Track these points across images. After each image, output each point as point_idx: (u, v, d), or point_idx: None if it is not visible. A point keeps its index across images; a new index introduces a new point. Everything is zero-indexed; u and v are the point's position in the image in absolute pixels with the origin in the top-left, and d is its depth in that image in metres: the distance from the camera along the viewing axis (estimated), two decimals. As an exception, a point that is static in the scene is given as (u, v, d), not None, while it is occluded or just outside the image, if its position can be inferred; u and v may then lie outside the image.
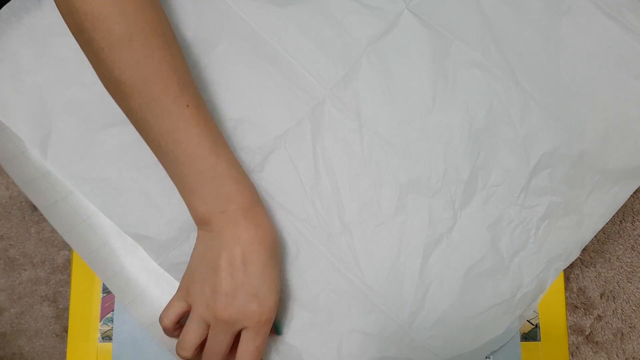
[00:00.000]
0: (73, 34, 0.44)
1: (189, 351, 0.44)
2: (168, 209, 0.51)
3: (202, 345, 0.45)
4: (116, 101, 0.45)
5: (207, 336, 0.44)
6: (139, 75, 0.42)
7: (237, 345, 0.45)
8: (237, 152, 0.51)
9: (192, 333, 0.44)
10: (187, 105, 0.43)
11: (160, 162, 0.46)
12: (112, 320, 0.51)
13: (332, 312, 0.50)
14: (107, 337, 0.51)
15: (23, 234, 0.56)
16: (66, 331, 0.52)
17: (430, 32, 0.54)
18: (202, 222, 0.45)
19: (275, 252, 0.46)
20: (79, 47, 0.47)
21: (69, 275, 0.53)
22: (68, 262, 0.55)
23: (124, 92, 0.43)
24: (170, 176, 0.46)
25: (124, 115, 0.47)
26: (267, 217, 0.47)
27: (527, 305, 0.51)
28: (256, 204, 0.46)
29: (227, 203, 0.44)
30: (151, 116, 0.43)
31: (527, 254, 0.51)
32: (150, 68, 0.42)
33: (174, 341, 0.50)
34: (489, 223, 0.51)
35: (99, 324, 0.52)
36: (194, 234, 0.50)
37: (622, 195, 0.52)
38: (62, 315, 0.55)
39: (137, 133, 0.47)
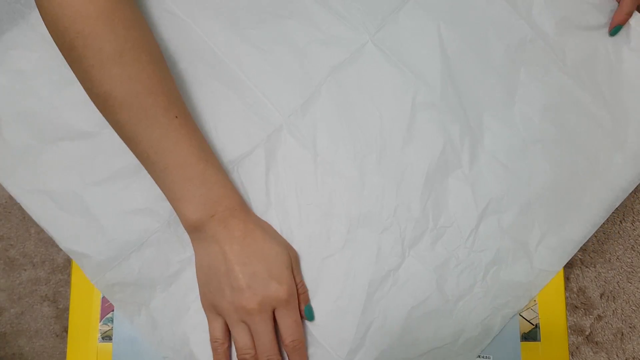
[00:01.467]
0: (62, 51, 0.45)
1: (249, 354, 0.46)
2: (110, 228, 0.50)
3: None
4: (104, 115, 0.46)
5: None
6: (130, 90, 0.43)
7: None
8: None
9: (241, 338, 0.46)
10: (176, 117, 0.45)
11: (149, 172, 0.47)
12: (112, 320, 0.52)
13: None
14: (107, 337, 0.51)
15: (23, 234, 0.56)
16: (66, 331, 0.52)
17: (392, 67, 0.53)
18: (194, 228, 0.46)
19: (269, 233, 0.48)
20: (37, 61, 0.51)
21: (69, 275, 0.53)
22: (68, 262, 0.55)
23: (113, 106, 0.44)
24: (159, 185, 0.47)
25: (77, 130, 0.49)
26: (252, 212, 0.49)
27: (470, 350, 0.51)
28: (241, 204, 0.48)
29: (216, 206, 0.46)
30: (141, 128, 0.44)
31: (473, 298, 0.51)
32: (141, 83, 0.44)
33: (170, 348, 0.50)
34: (436, 264, 0.51)
35: (99, 324, 0.52)
36: (135, 254, 0.50)
37: (570, 248, 0.52)
38: (62, 315, 0.55)
39: (88, 149, 0.49)
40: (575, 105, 0.53)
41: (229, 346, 0.48)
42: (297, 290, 0.48)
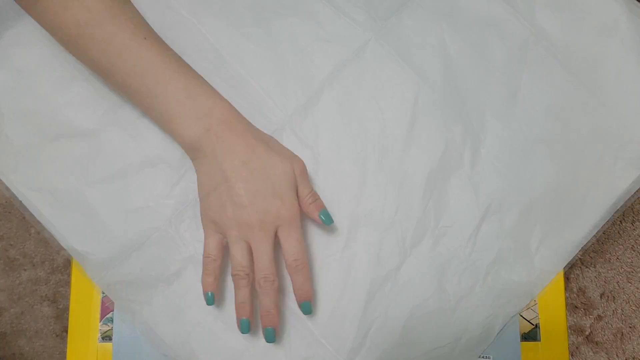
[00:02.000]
0: (28, 10, 0.45)
1: (244, 271, 0.45)
2: (110, 227, 0.51)
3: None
4: (80, 59, 0.46)
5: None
6: (93, 21, 0.43)
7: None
8: (190, 173, 0.51)
9: (239, 255, 0.45)
10: (145, 38, 0.45)
11: (139, 106, 0.47)
12: (112, 320, 0.51)
13: (272, 344, 0.50)
14: (107, 337, 0.51)
15: (23, 234, 0.56)
16: (66, 331, 0.52)
17: (394, 66, 0.54)
18: (192, 148, 0.46)
19: (274, 149, 0.47)
20: (38, 59, 0.51)
21: (69, 275, 0.53)
22: (68, 262, 0.55)
23: (84, 44, 0.44)
24: (150, 115, 0.47)
25: (78, 129, 0.49)
26: (252, 125, 0.48)
27: (471, 350, 0.51)
28: (237, 117, 0.47)
29: (208, 118, 0.45)
30: (114, 58, 0.44)
31: (474, 298, 0.51)
32: (101, 12, 0.43)
33: (170, 347, 0.50)
34: (437, 263, 0.51)
35: (99, 324, 0.52)
36: (136, 253, 0.50)
37: (571, 248, 0.52)
38: (62, 315, 0.55)
39: (89, 147, 0.50)
40: (578, 107, 0.53)
41: (220, 264, 0.47)
42: (308, 199, 0.47)
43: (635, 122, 0.53)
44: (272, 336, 0.47)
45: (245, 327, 0.46)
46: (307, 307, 0.47)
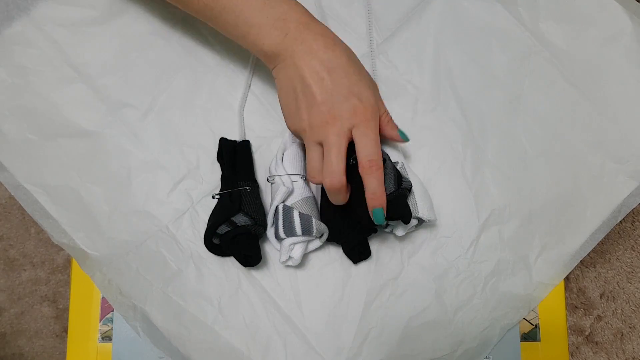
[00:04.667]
0: None
1: (316, 178, 0.44)
2: (107, 227, 0.50)
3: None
4: None
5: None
6: None
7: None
8: (188, 178, 0.51)
9: (312, 160, 0.44)
10: None
11: (217, 27, 0.46)
12: (112, 320, 0.51)
13: (267, 350, 0.50)
14: (107, 337, 0.51)
15: (23, 234, 0.56)
16: (66, 331, 0.52)
17: (392, 74, 0.54)
18: (272, 56, 0.45)
19: (351, 52, 0.45)
20: (39, 58, 0.51)
21: (69, 275, 0.53)
22: (68, 262, 0.55)
23: None
24: (229, 33, 0.46)
25: (76, 129, 0.49)
26: (329, 29, 0.46)
27: None
28: (313, 19, 0.45)
29: (285, 23, 0.44)
30: None
31: (472, 309, 0.50)
32: None
33: (172, 347, 0.50)
34: (435, 274, 0.51)
35: (99, 324, 0.52)
36: (133, 254, 0.50)
37: (569, 261, 0.52)
38: (62, 316, 0.55)
39: (87, 148, 0.50)
40: (578, 118, 0.53)
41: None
42: (385, 116, 0.46)
43: (636, 134, 0.53)
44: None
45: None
46: (380, 214, 0.43)
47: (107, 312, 0.52)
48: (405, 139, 0.47)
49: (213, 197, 0.50)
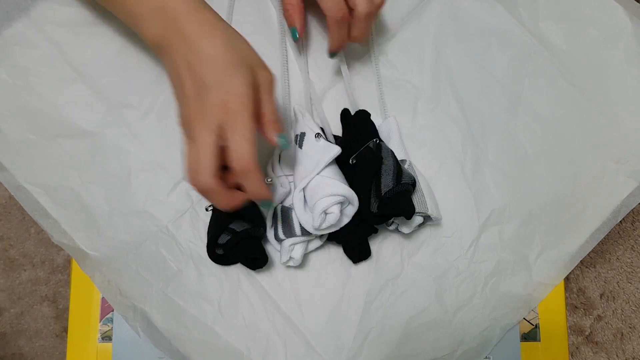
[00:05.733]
0: None
1: (206, 174, 0.40)
2: (106, 228, 0.50)
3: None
4: None
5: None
6: None
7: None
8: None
9: (187, 157, 0.41)
10: None
11: (114, 12, 0.45)
12: (112, 320, 0.51)
13: (267, 350, 0.49)
14: (107, 337, 0.51)
15: (23, 234, 0.56)
16: (66, 331, 0.52)
17: (392, 74, 0.54)
18: (156, 49, 0.43)
19: (232, 37, 0.42)
20: (39, 58, 0.50)
21: (69, 275, 0.53)
22: (68, 262, 0.55)
23: None
24: (121, 19, 0.45)
25: (76, 129, 0.49)
26: (216, 16, 0.43)
27: None
28: (197, 4, 0.42)
29: (164, 12, 0.41)
30: None
31: (472, 309, 0.50)
32: None
33: (172, 347, 0.50)
34: (435, 274, 0.51)
35: (99, 324, 0.52)
36: (132, 254, 0.50)
37: (569, 261, 0.52)
38: (62, 316, 0.55)
39: (86, 148, 0.50)
40: (578, 118, 0.53)
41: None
42: (268, 117, 0.42)
43: (636, 134, 0.53)
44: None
45: None
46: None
47: (107, 312, 0.52)
48: (284, 146, 0.43)
49: (207, 210, 0.50)
